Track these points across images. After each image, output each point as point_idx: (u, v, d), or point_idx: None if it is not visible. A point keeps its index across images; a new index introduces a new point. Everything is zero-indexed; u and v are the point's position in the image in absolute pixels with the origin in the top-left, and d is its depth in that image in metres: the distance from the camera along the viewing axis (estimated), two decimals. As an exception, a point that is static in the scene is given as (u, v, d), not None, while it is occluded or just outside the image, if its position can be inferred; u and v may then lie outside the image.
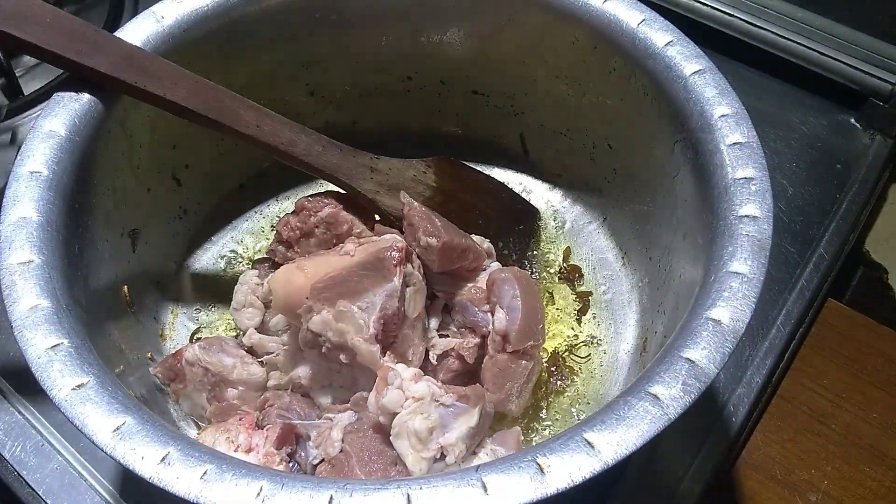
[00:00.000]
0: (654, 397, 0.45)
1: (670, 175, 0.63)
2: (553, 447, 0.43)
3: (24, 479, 0.65)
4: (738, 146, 0.56)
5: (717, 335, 0.47)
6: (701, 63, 0.60)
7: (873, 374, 0.75)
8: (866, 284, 0.87)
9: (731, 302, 0.48)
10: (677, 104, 0.60)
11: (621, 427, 0.43)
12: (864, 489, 0.68)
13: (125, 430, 0.44)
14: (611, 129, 0.72)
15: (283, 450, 0.56)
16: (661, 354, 0.48)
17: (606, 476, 0.42)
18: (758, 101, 0.90)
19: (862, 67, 0.89)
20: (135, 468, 0.42)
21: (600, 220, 0.78)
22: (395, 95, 0.80)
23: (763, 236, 0.51)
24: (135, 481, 0.65)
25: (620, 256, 0.76)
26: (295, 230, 0.66)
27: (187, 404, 0.65)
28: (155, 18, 0.63)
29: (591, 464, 0.42)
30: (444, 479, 0.42)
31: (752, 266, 0.50)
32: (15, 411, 0.69)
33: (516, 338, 0.61)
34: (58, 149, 0.55)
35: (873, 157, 0.88)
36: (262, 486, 0.41)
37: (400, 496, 0.41)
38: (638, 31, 0.63)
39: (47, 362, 0.46)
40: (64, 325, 0.48)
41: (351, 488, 0.41)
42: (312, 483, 0.42)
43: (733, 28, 0.94)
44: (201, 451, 0.43)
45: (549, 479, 0.41)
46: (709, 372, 0.46)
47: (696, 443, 0.68)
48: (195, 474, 0.42)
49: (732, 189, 0.54)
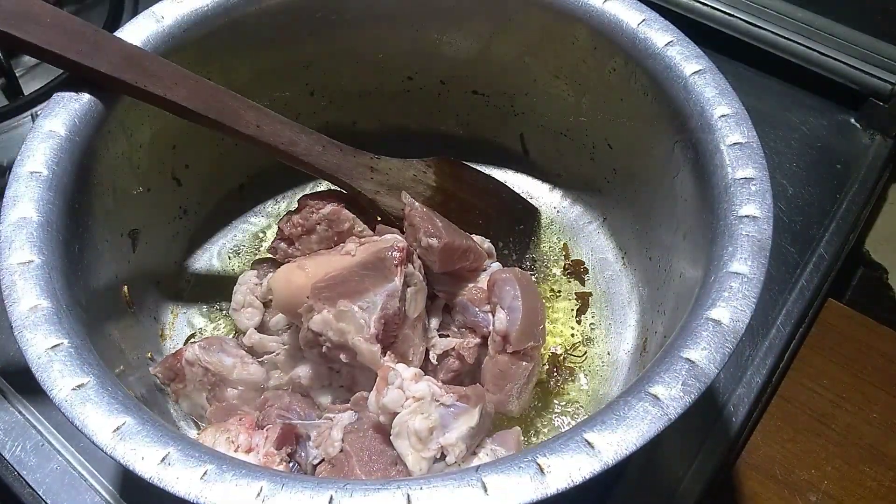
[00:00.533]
0: (654, 397, 0.45)
1: (670, 175, 0.63)
2: (553, 447, 0.43)
3: (24, 479, 0.65)
4: (739, 146, 0.56)
5: (717, 335, 0.47)
6: (701, 63, 0.60)
7: (873, 374, 0.75)
8: (866, 284, 0.87)
9: (732, 302, 0.48)
10: (677, 104, 0.60)
11: (621, 427, 0.43)
12: (864, 489, 0.68)
13: (125, 430, 0.44)
14: (611, 129, 0.72)
15: (283, 450, 0.56)
16: (661, 355, 0.48)
17: (606, 476, 0.43)
18: (758, 101, 0.90)
19: (862, 67, 0.89)
20: (135, 468, 0.42)
21: (600, 219, 0.78)
22: (395, 95, 0.80)
23: (763, 236, 0.51)
24: (135, 481, 0.65)
25: (620, 256, 0.76)
26: (297, 227, 0.66)
27: (187, 404, 0.65)
28: (155, 18, 0.63)
29: (592, 464, 0.42)
30: (444, 480, 0.42)
31: (752, 266, 0.50)
32: (15, 411, 0.69)
33: (517, 338, 0.61)
34: (58, 149, 0.55)
35: (873, 157, 0.88)
36: (262, 486, 0.41)
37: (400, 496, 0.41)
38: (638, 32, 0.63)
39: (47, 362, 0.46)
40: (64, 325, 0.48)
41: (351, 488, 0.41)
42: (312, 483, 0.42)
43: (733, 28, 0.94)
44: (201, 452, 0.43)
45: (549, 479, 0.41)
46: (709, 372, 0.46)
47: (697, 443, 0.68)
48: (195, 474, 0.42)
49: (732, 189, 0.54)
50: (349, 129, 0.81)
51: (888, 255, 0.89)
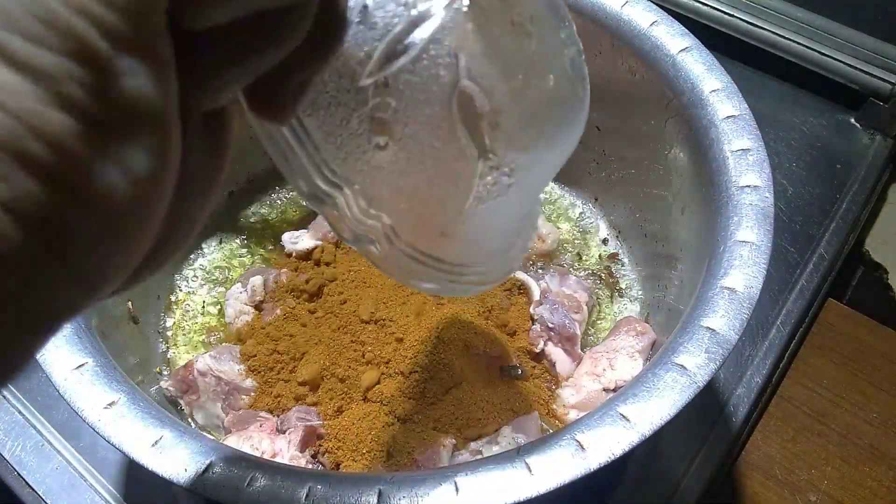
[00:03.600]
0: (680, 367, 0.46)
1: (662, 153, 0.64)
2: (589, 423, 0.44)
3: (24, 479, 0.65)
4: (732, 119, 0.57)
5: (733, 302, 0.48)
6: (687, 40, 0.61)
7: (873, 374, 0.75)
8: (866, 284, 0.87)
9: (743, 270, 0.50)
10: (667, 82, 0.61)
11: (653, 398, 0.44)
12: (865, 489, 0.68)
13: (163, 443, 0.43)
14: (598, 111, 0.71)
15: (306, 452, 0.56)
16: (681, 326, 0.49)
17: (606, 476, 0.43)
18: (758, 101, 0.89)
19: (862, 67, 0.89)
20: (179, 481, 0.42)
21: (591, 200, 0.79)
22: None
23: (766, 204, 0.53)
24: (135, 481, 0.66)
25: (614, 235, 0.76)
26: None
27: (202, 415, 0.64)
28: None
29: (629, 436, 0.43)
30: (487, 465, 0.42)
31: (759, 233, 0.51)
32: (15, 411, 0.69)
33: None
34: None
35: (873, 157, 0.88)
36: (309, 487, 0.41)
37: (447, 485, 0.41)
38: (622, 13, 0.63)
39: (75, 383, 0.45)
40: (85, 344, 0.47)
41: (399, 481, 0.41)
42: (359, 480, 0.42)
43: (733, 28, 0.94)
44: (242, 459, 0.43)
45: (589, 454, 0.42)
46: (730, 338, 0.47)
47: (696, 443, 0.68)
48: (241, 482, 0.42)
49: (731, 161, 0.55)
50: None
51: (888, 255, 0.89)
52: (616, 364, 0.61)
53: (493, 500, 0.40)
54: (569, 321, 0.64)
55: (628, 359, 0.61)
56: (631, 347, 0.62)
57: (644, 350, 0.61)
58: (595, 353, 0.63)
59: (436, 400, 0.59)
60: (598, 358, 0.62)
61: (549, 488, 0.41)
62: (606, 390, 0.60)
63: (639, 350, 0.61)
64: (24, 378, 0.71)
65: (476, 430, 0.58)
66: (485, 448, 0.56)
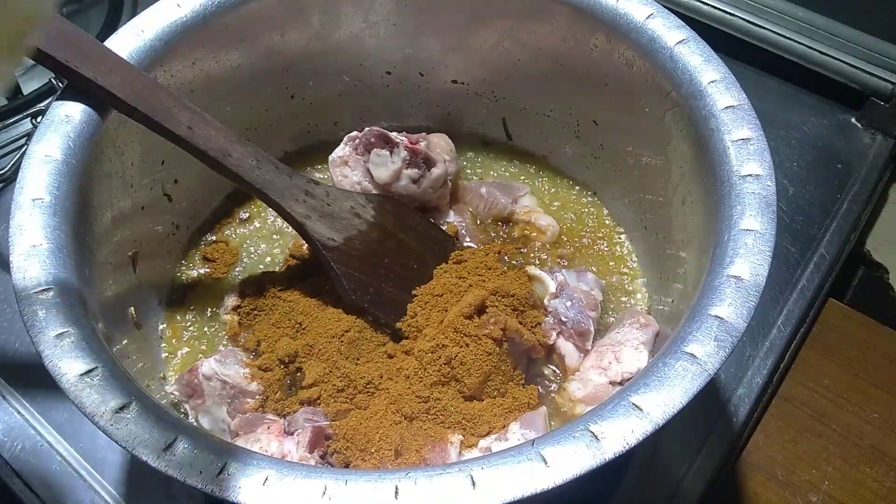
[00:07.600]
0: (690, 356, 0.46)
1: (662, 144, 0.64)
2: (602, 414, 0.44)
3: (25, 479, 0.65)
4: (731, 109, 0.57)
5: (739, 291, 0.49)
6: (684, 32, 0.61)
7: (874, 374, 0.75)
8: (867, 284, 0.87)
9: (749, 258, 0.50)
10: (665, 74, 0.61)
11: (665, 388, 0.44)
12: (865, 489, 0.68)
13: (178, 446, 0.43)
14: (595, 105, 0.72)
15: (315, 452, 0.56)
16: (689, 314, 0.49)
17: (606, 476, 0.43)
18: (758, 101, 0.88)
19: (863, 67, 0.89)
20: (195, 484, 0.42)
21: (591, 194, 0.79)
22: (376, 91, 0.79)
23: (768, 192, 0.53)
24: (134, 481, 0.66)
25: (614, 228, 0.76)
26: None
27: (207, 420, 0.63)
28: (135, 32, 0.62)
29: (643, 426, 0.43)
30: (503, 458, 0.42)
31: (763, 221, 0.51)
32: (15, 411, 0.69)
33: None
34: (56, 173, 0.53)
35: (874, 156, 0.88)
36: (325, 484, 0.41)
37: (463, 479, 0.41)
38: (618, 7, 0.63)
39: (83, 388, 0.45)
40: (93, 349, 0.47)
41: (414, 476, 0.41)
42: (375, 475, 0.42)
43: (733, 27, 0.94)
44: (257, 458, 0.43)
45: (604, 444, 0.42)
46: (738, 326, 0.47)
47: (698, 443, 0.68)
48: (257, 482, 0.42)
49: (731, 150, 0.55)
50: (331, 130, 0.80)
51: (889, 255, 0.89)
52: (622, 357, 0.61)
53: (511, 493, 0.40)
54: (584, 317, 0.64)
55: (633, 351, 0.61)
56: (636, 339, 0.61)
57: (648, 342, 0.61)
58: (600, 346, 0.63)
59: (443, 397, 0.59)
60: (604, 351, 0.62)
61: (567, 479, 0.41)
62: (613, 383, 0.60)
63: (643, 342, 0.61)
64: (23, 378, 0.71)
65: (484, 427, 0.58)
66: (494, 444, 0.56)
